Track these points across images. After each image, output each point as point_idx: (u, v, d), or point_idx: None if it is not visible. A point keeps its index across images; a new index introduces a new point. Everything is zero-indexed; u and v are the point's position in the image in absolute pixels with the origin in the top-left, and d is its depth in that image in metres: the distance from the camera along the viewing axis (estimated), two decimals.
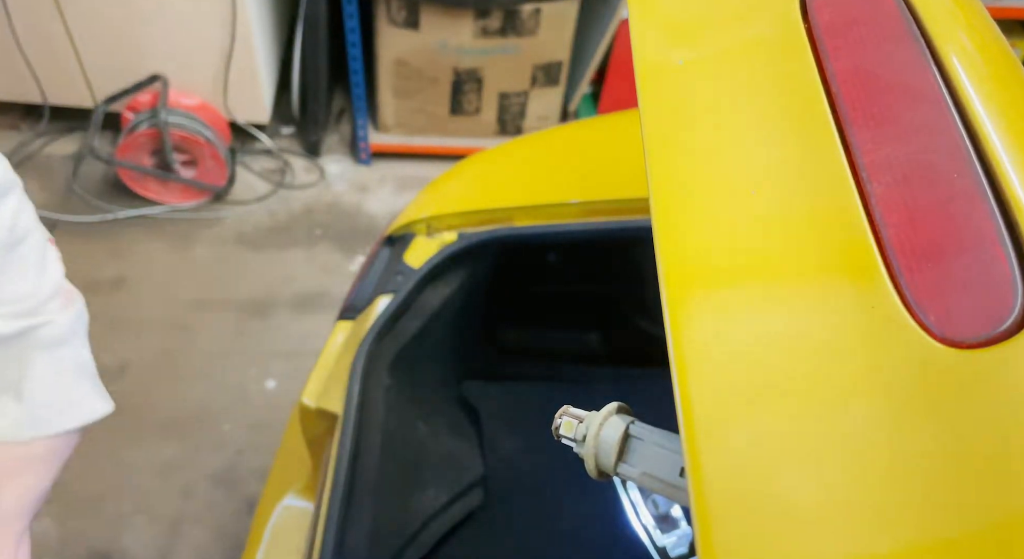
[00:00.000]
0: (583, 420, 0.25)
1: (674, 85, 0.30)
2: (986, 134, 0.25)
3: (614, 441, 0.24)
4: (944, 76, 0.27)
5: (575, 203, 0.76)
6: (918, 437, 0.19)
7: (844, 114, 0.27)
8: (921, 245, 0.23)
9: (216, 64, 1.62)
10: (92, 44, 1.60)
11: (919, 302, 0.22)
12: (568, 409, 0.25)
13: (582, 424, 0.25)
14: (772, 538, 0.19)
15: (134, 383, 1.38)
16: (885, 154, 0.25)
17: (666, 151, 0.28)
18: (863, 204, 0.24)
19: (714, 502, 0.19)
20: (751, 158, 0.27)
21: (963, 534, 0.18)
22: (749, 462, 0.20)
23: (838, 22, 0.30)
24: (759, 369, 0.21)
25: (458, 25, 1.58)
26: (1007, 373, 0.20)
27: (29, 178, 1.75)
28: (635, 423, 0.25)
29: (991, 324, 0.21)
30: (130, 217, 1.68)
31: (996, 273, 0.22)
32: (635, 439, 0.24)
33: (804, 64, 0.29)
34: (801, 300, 0.23)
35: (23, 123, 1.85)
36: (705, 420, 0.20)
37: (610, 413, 0.25)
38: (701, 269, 0.24)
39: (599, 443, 0.24)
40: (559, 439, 0.26)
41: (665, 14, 0.34)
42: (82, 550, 1.20)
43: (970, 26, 0.30)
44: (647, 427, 0.24)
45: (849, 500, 0.19)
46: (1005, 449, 0.19)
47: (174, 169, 1.64)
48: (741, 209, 0.25)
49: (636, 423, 0.25)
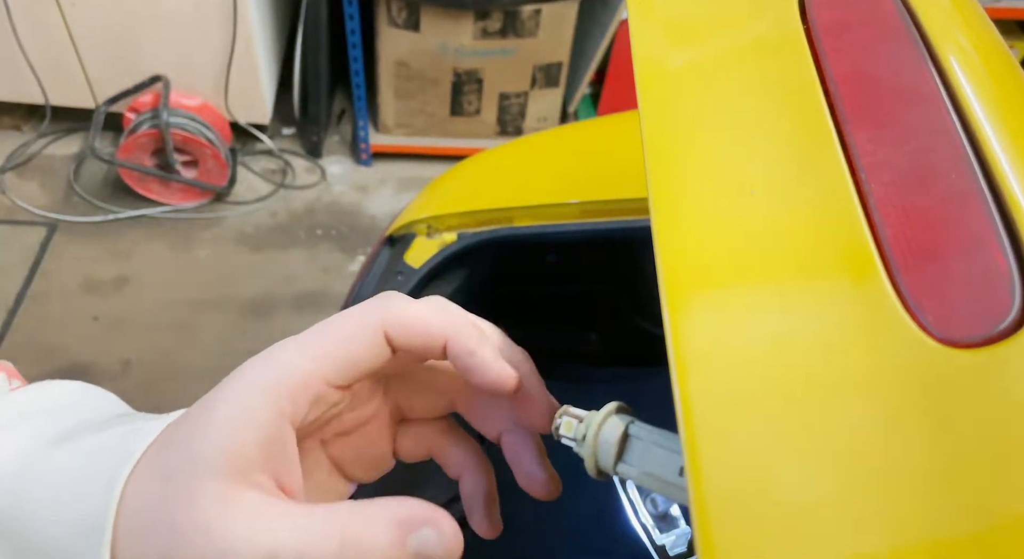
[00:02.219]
0: (583, 420, 0.24)
1: (673, 86, 0.30)
2: (984, 135, 0.25)
3: (614, 440, 0.24)
4: (942, 77, 0.27)
5: (575, 203, 0.76)
6: (917, 437, 0.19)
7: (842, 114, 0.27)
8: (919, 245, 0.23)
9: (217, 65, 1.62)
10: (94, 45, 1.60)
11: (917, 302, 0.22)
12: (568, 409, 0.25)
13: (581, 424, 0.24)
14: (772, 537, 0.19)
15: (135, 382, 1.38)
16: (883, 154, 0.25)
17: (665, 152, 0.28)
18: (861, 204, 0.24)
19: (713, 501, 0.19)
20: (750, 159, 0.27)
21: (963, 535, 0.18)
22: (748, 462, 0.20)
23: (836, 23, 0.30)
24: (758, 369, 0.21)
25: (458, 26, 1.58)
26: (1005, 373, 0.20)
27: (30, 179, 1.75)
28: (635, 423, 0.24)
29: (989, 324, 0.21)
30: (131, 217, 1.68)
31: (994, 273, 0.22)
32: (634, 438, 0.24)
33: (802, 65, 0.29)
34: (800, 300, 0.23)
35: (25, 124, 1.85)
36: (704, 420, 0.21)
37: (610, 413, 0.24)
38: (700, 269, 0.24)
39: (599, 443, 0.24)
40: (559, 439, 0.26)
41: (664, 15, 0.34)
42: None
43: (968, 27, 0.30)
44: (646, 426, 0.24)
45: (848, 500, 0.19)
46: (1005, 449, 0.19)
47: (175, 169, 1.65)
48: (740, 209, 0.25)
49: (635, 423, 0.24)
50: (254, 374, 0.23)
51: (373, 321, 0.24)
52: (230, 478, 0.21)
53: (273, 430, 0.22)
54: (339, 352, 0.24)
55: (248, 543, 0.20)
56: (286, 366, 0.23)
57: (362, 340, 0.24)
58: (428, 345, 0.25)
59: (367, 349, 0.24)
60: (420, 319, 0.24)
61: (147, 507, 0.22)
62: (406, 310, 0.24)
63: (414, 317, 0.24)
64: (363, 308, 0.25)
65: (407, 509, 0.22)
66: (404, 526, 0.22)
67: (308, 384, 0.23)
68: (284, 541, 0.21)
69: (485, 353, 0.25)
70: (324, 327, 0.24)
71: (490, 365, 0.25)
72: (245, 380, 0.23)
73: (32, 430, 0.25)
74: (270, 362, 0.23)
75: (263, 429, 0.22)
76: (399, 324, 0.24)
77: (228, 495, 0.21)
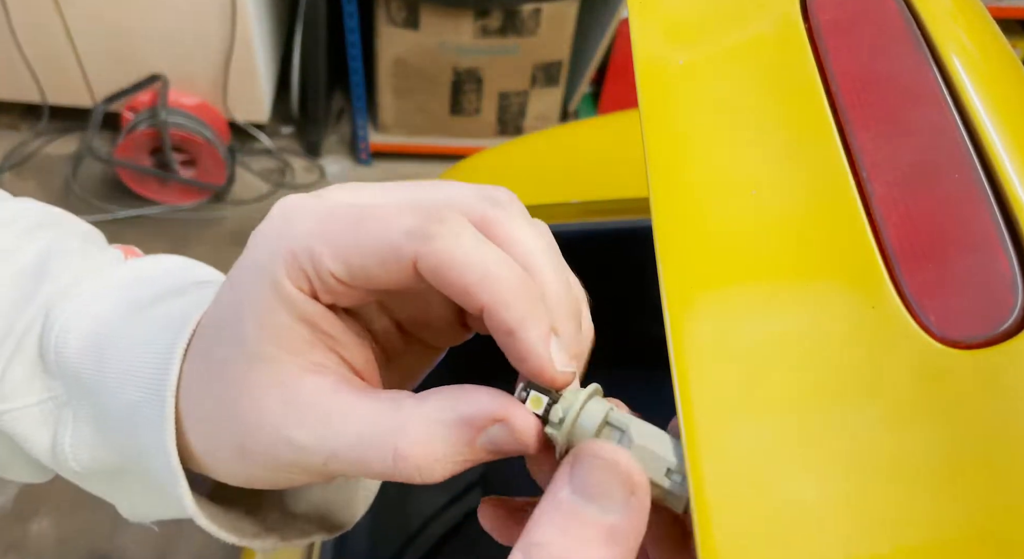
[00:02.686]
0: (555, 399, 0.21)
1: (674, 85, 0.30)
2: (987, 134, 0.25)
3: (593, 428, 0.21)
4: (944, 76, 0.27)
5: (575, 203, 0.76)
6: (919, 438, 0.19)
7: (844, 114, 0.27)
8: (921, 245, 0.23)
9: (216, 64, 1.62)
10: (92, 44, 1.60)
11: (919, 302, 0.22)
12: (530, 382, 0.21)
13: (557, 406, 0.21)
14: (775, 539, 0.19)
15: None
16: (885, 154, 0.25)
17: (666, 151, 0.28)
18: (863, 204, 0.24)
19: (715, 503, 0.19)
20: (751, 158, 0.27)
21: (964, 535, 0.18)
22: (750, 463, 0.20)
23: (838, 22, 0.30)
24: (759, 369, 0.21)
25: (458, 25, 1.58)
26: (1008, 373, 0.20)
27: (28, 178, 1.75)
28: (614, 411, 0.21)
29: (991, 324, 0.21)
30: (129, 217, 1.68)
31: (996, 273, 0.22)
32: (614, 430, 0.21)
33: (804, 64, 0.29)
34: (801, 300, 0.23)
35: (22, 123, 1.85)
36: (706, 421, 0.20)
37: (589, 395, 0.21)
38: (701, 269, 0.24)
39: (575, 429, 0.21)
40: None
41: (665, 14, 0.34)
42: (81, 550, 1.20)
43: (971, 26, 0.30)
44: (627, 416, 0.21)
45: (850, 501, 0.19)
46: (1007, 449, 0.19)
47: (173, 169, 1.64)
48: (741, 209, 0.25)
49: (615, 411, 0.21)
50: (268, 246, 0.20)
51: (406, 253, 0.19)
52: (285, 363, 0.20)
53: (307, 307, 0.20)
54: (355, 261, 0.20)
55: (312, 439, 0.20)
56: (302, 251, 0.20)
57: (384, 266, 0.20)
58: (464, 302, 0.20)
59: (387, 275, 0.20)
60: (458, 272, 0.19)
61: (209, 393, 0.22)
62: (450, 253, 0.19)
63: (453, 266, 0.19)
64: (404, 225, 0.19)
65: (472, 405, 0.20)
66: (469, 427, 0.20)
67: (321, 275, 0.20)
68: (342, 447, 0.20)
69: (528, 336, 0.20)
70: (355, 224, 0.20)
71: (527, 354, 0.20)
72: (260, 255, 0.21)
73: (121, 296, 0.26)
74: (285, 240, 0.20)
75: (296, 308, 0.20)
76: (432, 268, 0.19)
77: (286, 382, 0.20)
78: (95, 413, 0.25)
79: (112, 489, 0.27)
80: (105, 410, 0.24)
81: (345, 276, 0.20)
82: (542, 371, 0.20)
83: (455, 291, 0.20)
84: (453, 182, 0.22)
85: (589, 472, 0.19)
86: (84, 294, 0.26)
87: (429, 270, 0.19)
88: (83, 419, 0.25)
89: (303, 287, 0.20)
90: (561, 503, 0.18)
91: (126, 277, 0.27)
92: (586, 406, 0.21)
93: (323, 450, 0.20)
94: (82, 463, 0.25)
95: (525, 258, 0.21)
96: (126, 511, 0.28)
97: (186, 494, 0.22)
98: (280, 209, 0.21)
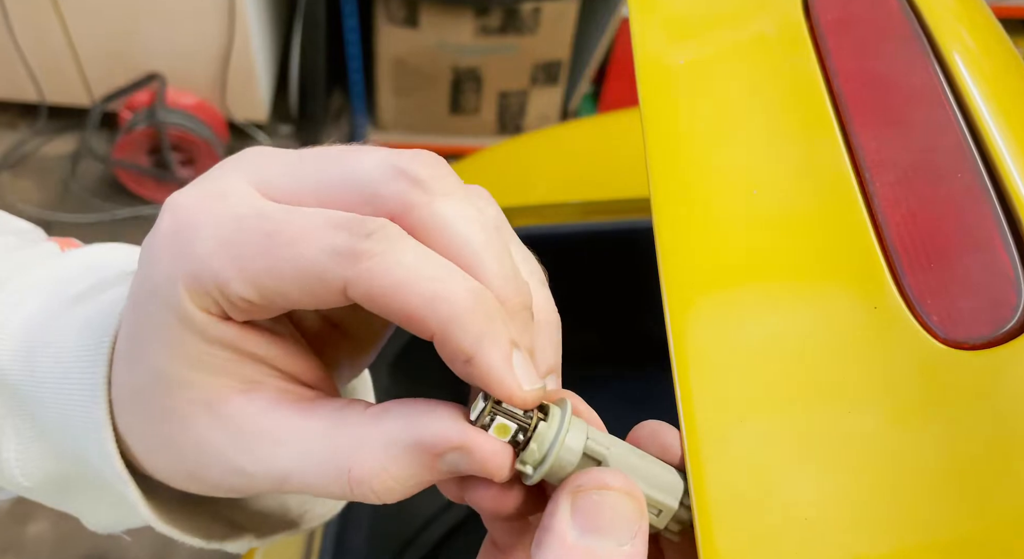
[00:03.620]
0: (525, 425, 0.18)
1: (675, 84, 0.30)
2: (989, 133, 0.25)
3: (575, 462, 0.18)
4: (947, 75, 0.27)
5: (575, 203, 0.76)
6: (922, 439, 0.19)
7: (846, 113, 0.27)
8: (924, 245, 0.23)
9: (214, 63, 1.62)
10: (90, 43, 1.60)
11: (922, 303, 0.21)
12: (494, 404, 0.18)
13: (533, 445, 0.18)
14: (778, 541, 0.18)
15: None
16: (888, 153, 0.25)
17: (667, 150, 0.27)
18: (866, 204, 0.24)
19: (717, 505, 0.19)
20: (753, 157, 0.27)
21: (966, 536, 0.18)
22: (752, 464, 0.20)
23: (840, 21, 0.30)
24: (760, 369, 0.21)
25: (457, 24, 1.58)
26: (1010, 374, 0.20)
27: (26, 177, 1.74)
28: (590, 439, 0.19)
29: (994, 325, 0.21)
30: (128, 217, 1.68)
31: (999, 274, 0.21)
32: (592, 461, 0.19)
33: (806, 63, 0.29)
34: (803, 300, 0.23)
35: (20, 122, 1.84)
36: (707, 422, 0.20)
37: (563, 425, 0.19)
38: (702, 269, 0.24)
39: (554, 466, 0.18)
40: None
41: (666, 12, 0.34)
42: (79, 551, 1.19)
43: (973, 25, 0.30)
44: (606, 439, 0.19)
45: (854, 501, 0.19)
46: (1009, 450, 0.18)
47: (172, 168, 1.64)
48: (743, 209, 0.25)
49: (591, 438, 0.19)
50: (163, 268, 0.18)
51: (333, 278, 0.17)
52: (206, 386, 0.18)
53: (218, 330, 0.18)
54: (269, 285, 0.17)
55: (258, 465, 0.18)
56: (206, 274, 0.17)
57: (307, 291, 0.17)
58: (409, 329, 0.18)
59: (311, 299, 0.17)
60: (398, 298, 0.17)
61: (139, 414, 0.20)
62: (385, 276, 0.17)
63: (390, 290, 0.17)
64: (325, 243, 0.17)
65: (430, 429, 0.18)
66: (426, 453, 0.18)
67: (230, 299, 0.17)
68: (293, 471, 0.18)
69: (489, 360, 0.17)
70: (267, 245, 0.17)
71: (490, 381, 0.18)
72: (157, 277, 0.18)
73: (53, 292, 0.24)
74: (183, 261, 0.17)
75: (206, 333, 0.18)
76: (365, 293, 0.17)
77: (213, 406, 0.18)
78: (34, 423, 0.23)
79: (68, 501, 0.25)
80: (43, 419, 0.22)
81: (258, 300, 0.17)
82: (511, 397, 0.18)
83: (397, 318, 0.17)
84: (363, 153, 0.19)
85: (599, 508, 0.17)
86: (12, 295, 0.24)
87: (363, 296, 0.17)
88: (24, 430, 0.23)
89: (211, 310, 0.18)
90: (573, 548, 0.17)
91: (58, 273, 0.25)
92: (565, 442, 0.18)
93: (273, 475, 0.19)
94: (32, 477, 0.23)
95: (460, 253, 0.18)
96: (90, 523, 0.26)
97: (139, 501, 0.21)
98: (172, 217, 0.18)
